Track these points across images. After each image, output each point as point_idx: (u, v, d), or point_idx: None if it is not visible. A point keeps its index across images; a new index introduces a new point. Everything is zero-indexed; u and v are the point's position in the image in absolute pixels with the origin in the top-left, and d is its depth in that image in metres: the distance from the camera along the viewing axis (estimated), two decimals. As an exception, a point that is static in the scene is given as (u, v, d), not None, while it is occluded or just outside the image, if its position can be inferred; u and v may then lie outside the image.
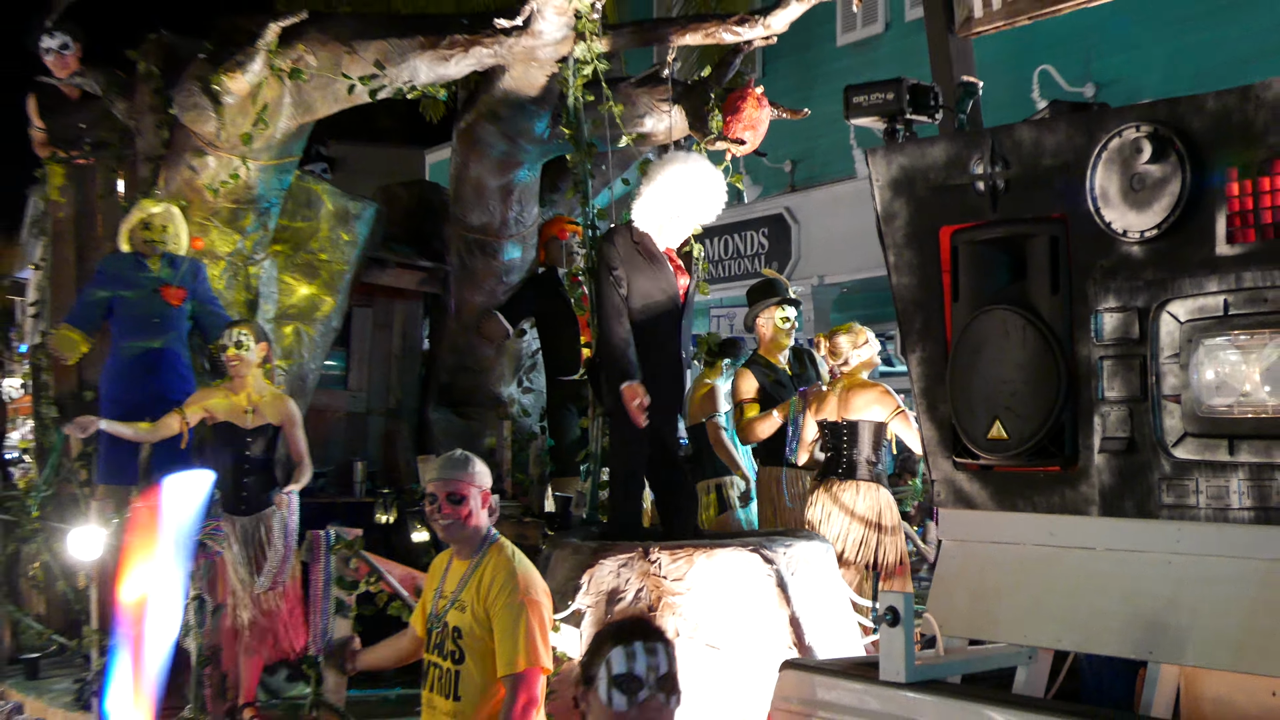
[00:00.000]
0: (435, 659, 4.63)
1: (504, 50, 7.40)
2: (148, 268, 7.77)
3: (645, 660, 2.73)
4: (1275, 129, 3.68)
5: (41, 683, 8.88)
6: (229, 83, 7.09)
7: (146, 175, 8.30)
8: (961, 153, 4.39)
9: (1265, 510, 3.68)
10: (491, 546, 4.63)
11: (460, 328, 9.05)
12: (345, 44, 7.50)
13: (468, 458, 4.75)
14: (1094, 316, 4.05)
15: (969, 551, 4.45)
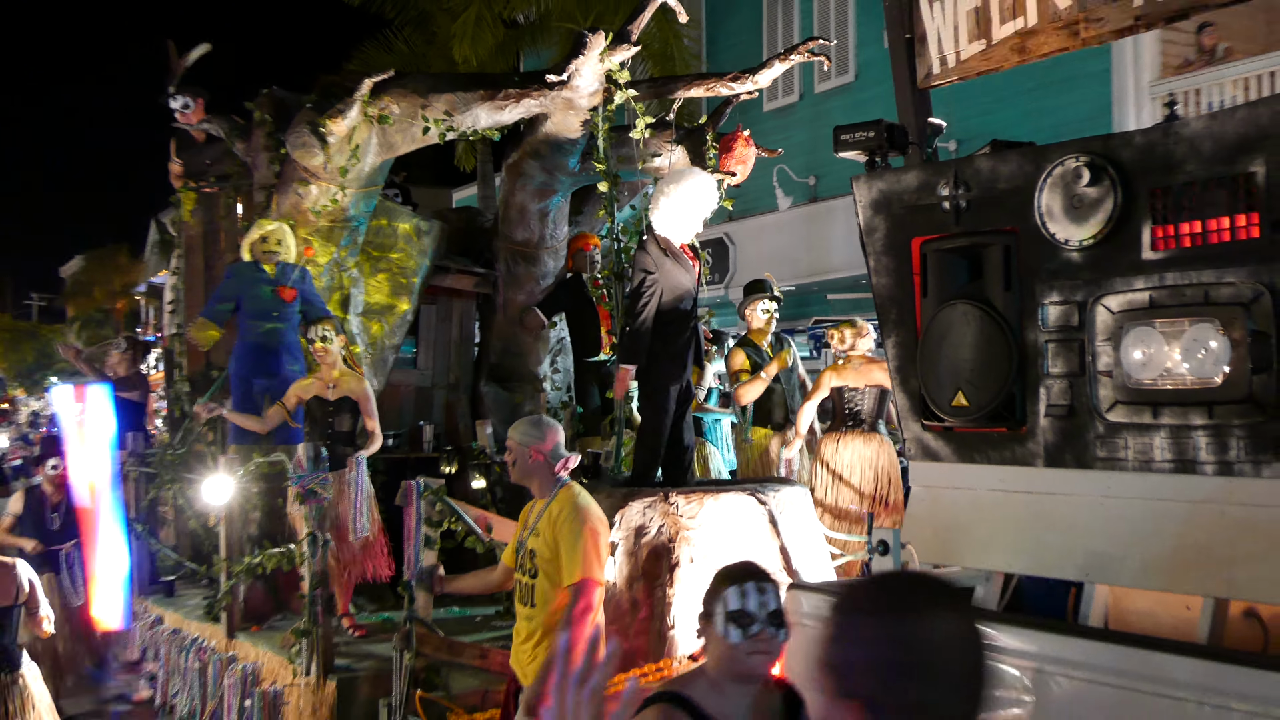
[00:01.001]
0: (520, 576, 4.60)
1: (547, 101, 7.34)
2: (266, 273, 7.70)
3: (757, 598, 2.56)
4: (1191, 159, 3.63)
5: (177, 600, 8.84)
6: (332, 125, 7.03)
7: (261, 201, 8.25)
8: (930, 179, 4.34)
9: (1182, 462, 3.64)
10: (563, 489, 4.56)
11: (506, 321, 8.98)
12: (422, 96, 7.43)
13: (539, 420, 4.69)
14: (1040, 309, 4.01)
15: (934, 495, 4.40)
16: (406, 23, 16.01)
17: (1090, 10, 4.38)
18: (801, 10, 17.39)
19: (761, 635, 2.54)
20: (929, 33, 4.92)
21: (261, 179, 8.26)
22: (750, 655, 2.54)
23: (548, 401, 9.21)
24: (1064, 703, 3.53)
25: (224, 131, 8.63)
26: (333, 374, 6.72)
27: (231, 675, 7.02)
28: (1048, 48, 4.58)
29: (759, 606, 2.55)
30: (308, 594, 6.00)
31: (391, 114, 7.39)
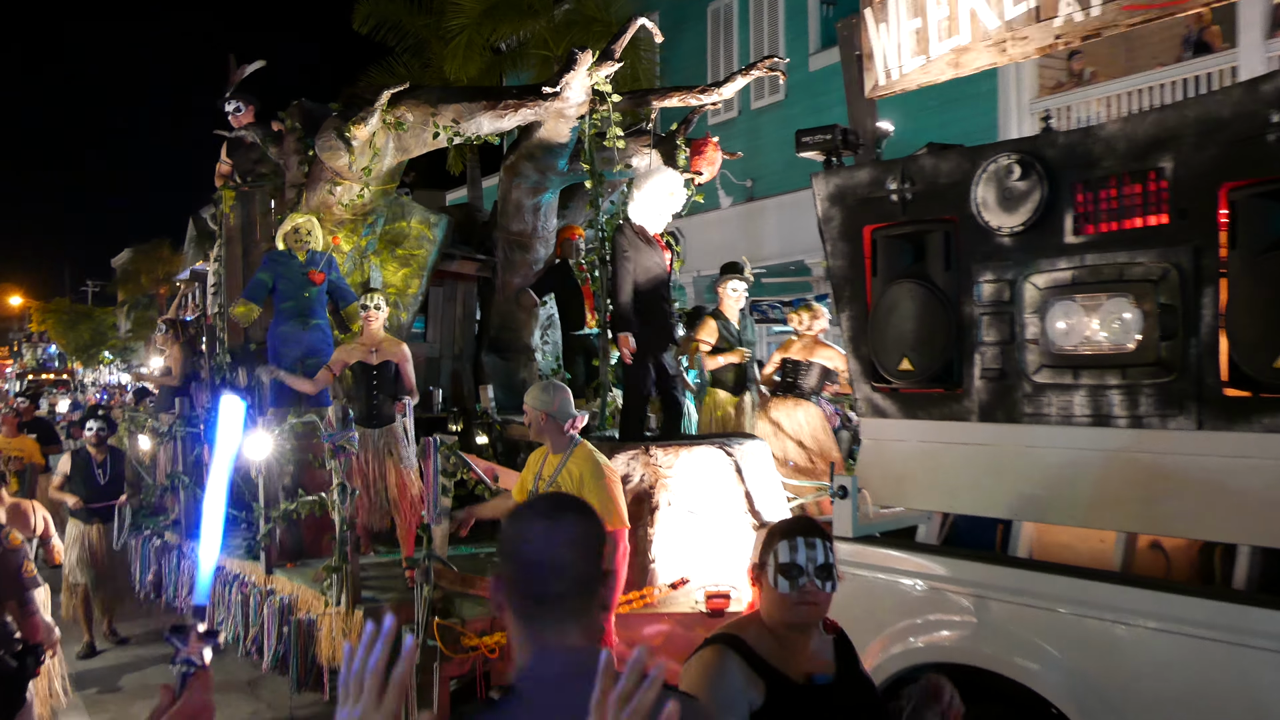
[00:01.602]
0: None
1: (541, 110, 7.25)
2: (297, 259, 7.60)
3: (806, 553, 2.37)
4: (1107, 156, 3.60)
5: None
6: (355, 131, 6.89)
7: (292, 197, 8.10)
8: (880, 175, 4.29)
9: (1099, 417, 3.61)
10: (577, 446, 4.49)
11: (504, 300, 8.89)
12: (432, 106, 7.30)
13: (552, 385, 4.61)
14: (976, 286, 3.97)
15: (881, 447, 4.36)
16: (406, 49, 15.93)
17: (1016, 31, 4.34)
18: (740, 39, 17.56)
19: (808, 587, 2.36)
20: (875, 50, 4.88)
21: (293, 178, 8.10)
22: (797, 606, 2.37)
23: (539, 369, 9.11)
24: (999, 623, 3.53)
25: (260, 137, 8.47)
26: (376, 339, 6.55)
27: (270, 606, 6.93)
28: (979, 63, 4.55)
29: (807, 560, 2.37)
30: (338, 535, 5.91)
31: (406, 121, 7.26)
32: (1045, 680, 3.18)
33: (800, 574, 2.36)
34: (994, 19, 4.39)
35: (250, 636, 7.26)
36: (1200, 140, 3.35)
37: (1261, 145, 3.19)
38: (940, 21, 4.59)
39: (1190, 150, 3.37)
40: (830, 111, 7.92)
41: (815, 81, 15.35)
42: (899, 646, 3.70)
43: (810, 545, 2.39)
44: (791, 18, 16.75)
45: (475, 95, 7.50)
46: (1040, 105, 12.84)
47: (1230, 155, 3.28)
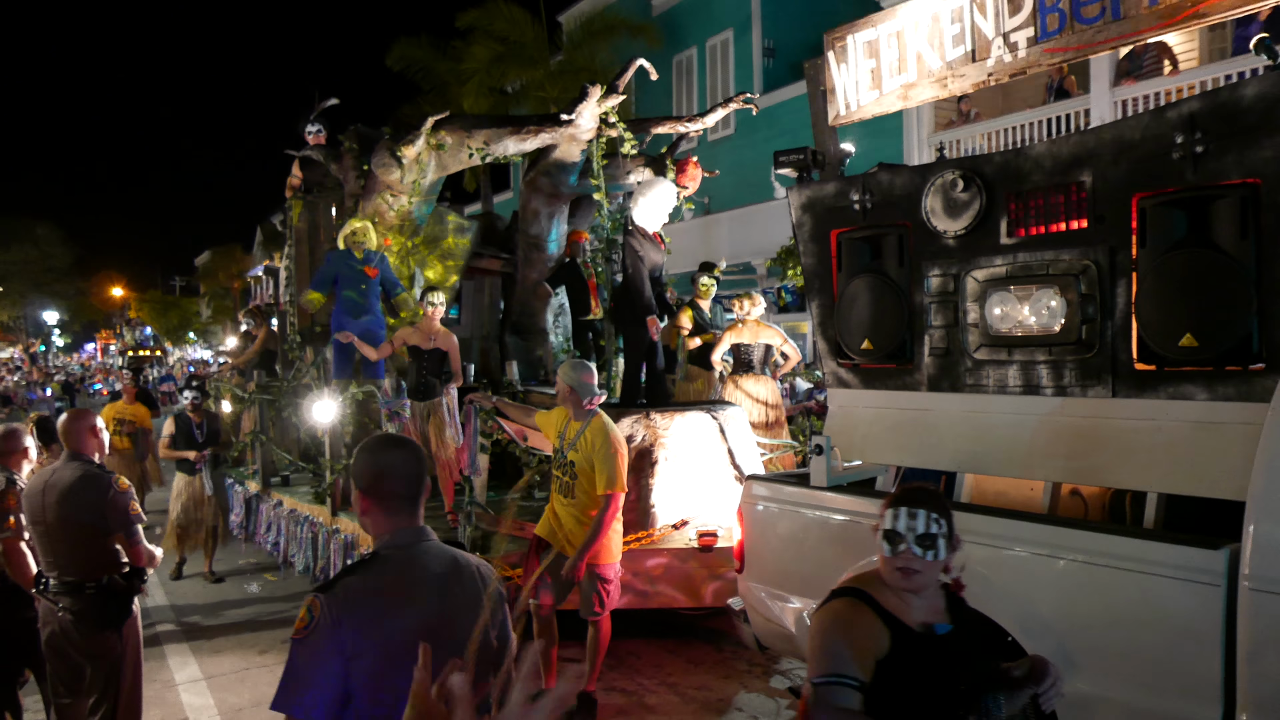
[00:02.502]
0: (560, 475, 4.41)
1: (557, 134, 7.09)
2: (355, 257, 7.40)
3: (907, 522, 2.10)
4: (1035, 172, 3.50)
5: (292, 488, 8.57)
6: (405, 151, 6.72)
7: (350, 205, 7.92)
8: (844, 188, 4.17)
9: (1029, 386, 3.53)
10: (594, 417, 4.37)
11: (522, 291, 8.73)
12: (467, 131, 7.13)
13: (578, 363, 4.48)
14: (925, 280, 3.86)
15: (845, 412, 4.26)
16: (431, 89, 15.74)
17: (955, 69, 4.22)
18: (699, 84, 17.62)
19: (907, 553, 2.09)
20: (837, 85, 4.74)
21: (350, 189, 7.91)
22: (895, 570, 2.11)
23: (553, 347, 8.98)
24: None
25: (323, 156, 8.27)
26: (434, 327, 6.37)
27: (336, 542, 6.81)
28: (924, 96, 4.42)
29: (907, 529, 2.10)
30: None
31: (445, 143, 7.08)
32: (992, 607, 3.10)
33: (900, 541, 2.11)
34: (937, 60, 4.27)
35: (319, 567, 7.14)
36: (1115, 158, 3.25)
37: (1167, 162, 3.10)
38: (891, 62, 4.47)
39: (1107, 166, 3.27)
40: (771, 144, 8.05)
41: (760, 119, 15.22)
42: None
43: (912, 515, 2.11)
44: (740, 66, 16.97)
45: (503, 122, 7.32)
46: (936, 138, 13.30)
47: (1140, 170, 3.18)
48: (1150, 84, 10.75)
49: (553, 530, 4.46)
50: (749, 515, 4.12)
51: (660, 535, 5.41)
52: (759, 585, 4.06)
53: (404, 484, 2.03)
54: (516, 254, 8.68)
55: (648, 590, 5.20)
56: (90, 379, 36.48)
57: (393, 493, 2.02)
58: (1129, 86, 10.90)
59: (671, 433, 5.72)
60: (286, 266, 8.66)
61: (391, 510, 2.02)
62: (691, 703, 4.85)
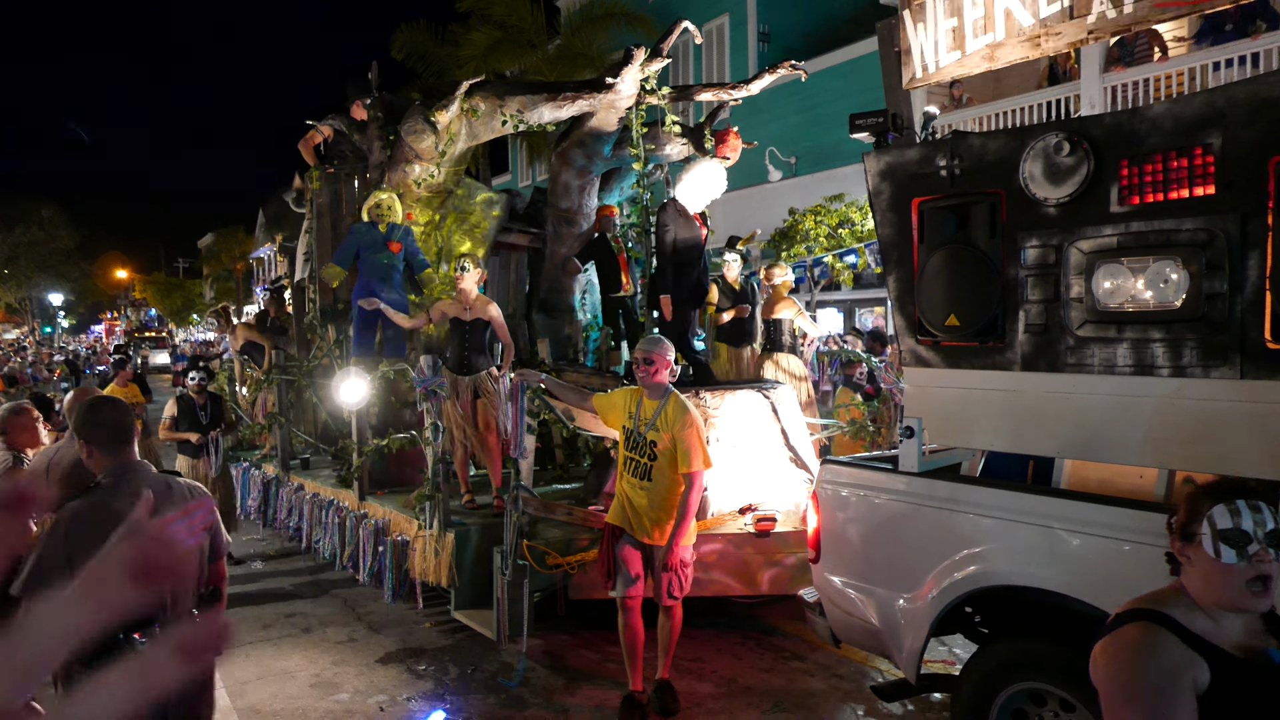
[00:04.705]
0: (635, 456, 4.18)
1: (595, 101, 6.79)
2: (379, 230, 7.15)
3: (1251, 516, 1.67)
4: (1153, 134, 3.22)
5: (312, 471, 8.37)
6: (439, 116, 6.43)
7: (374, 177, 7.64)
8: (929, 153, 3.89)
9: (1141, 366, 3.27)
10: (671, 394, 4.14)
11: (552, 267, 8.44)
12: (500, 98, 6.84)
13: (658, 339, 4.24)
14: (1021, 251, 3.59)
15: (924, 393, 4.00)
16: (432, 75, 15.50)
17: (1050, 27, 3.94)
18: (695, 68, 17.78)
19: (1260, 555, 1.66)
20: (913, 47, 4.46)
21: (375, 161, 7.63)
22: (1246, 581, 1.66)
23: (582, 325, 8.72)
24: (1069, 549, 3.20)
25: (346, 127, 7.97)
26: (469, 298, 6.07)
27: (365, 528, 6.57)
28: (1012, 56, 4.13)
29: (1254, 525, 1.68)
30: (430, 468, 5.54)
31: (479, 109, 6.79)
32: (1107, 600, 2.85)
33: (1248, 540, 1.67)
34: (1028, 17, 3.98)
35: (346, 554, 6.92)
36: (1250, 118, 2.98)
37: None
38: (976, 20, 4.18)
39: (1239, 127, 3.00)
40: (764, 129, 7.90)
41: (755, 101, 15.21)
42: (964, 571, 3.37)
43: (1255, 508, 1.70)
44: (735, 52, 16.85)
45: (538, 88, 7.01)
46: (936, 120, 13.22)
47: (1278, 131, 2.91)
48: (1141, 70, 10.86)
49: (627, 517, 4.24)
50: (827, 501, 3.87)
51: (723, 520, 5.18)
52: (838, 576, 3.83)
53: (113, 431, 2.68)
54: (546, 228, 8.39)
55: (702, 577, 4.97)
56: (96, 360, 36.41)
57: (105, 438, 2.67)
58: (1119, 73, 11.04)
59: (723, 412, 5.49)
60: (308, 242, 8.37)
61: (106, 451, 2.67)
62: (751, 696, 4.62)
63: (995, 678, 3.29)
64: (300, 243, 8.78)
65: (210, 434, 7.84)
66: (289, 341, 9.58)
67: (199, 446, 7.84)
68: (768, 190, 15.84)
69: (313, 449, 8.76)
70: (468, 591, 5.51)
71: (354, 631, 5.86)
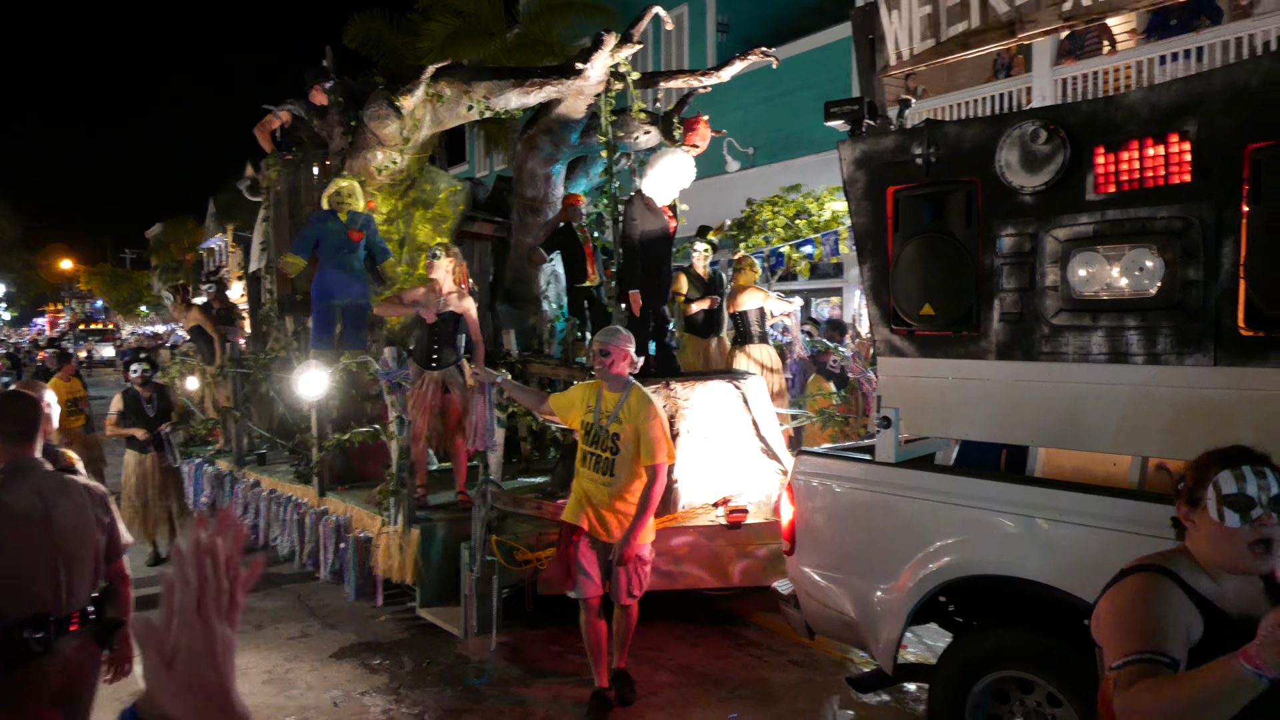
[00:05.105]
0: (596, 450, 4.09)
1: (563, 88, 6.69)
2: (340, 219, 6.98)
3: (1255, 481, 1.73)
4: (1129, 122, 3.23)
5: (268, 467, 8.16)
6: (404, 101, 6.29)
7: (335, 164, 7.46)
8: (904, 141, 3.88)
9: (1117, 354, 3.29)
10: (633, 386, 4.07)
11: (517, 257, 8.33)
12: (466, 83, 6.71)
13: (617, 329, 4.17)
14: (997, 240, 3.60)
15: (899, 383, 3.99)
16: (388, 64, 15.25)
17: (1025, 15, 3.94)
18: (654, 57, 17.54)
19: (1265, 520, 1.72)
20: (887, 33, 4.44)
21: (335, 147, 7.45)
22: (1251, 544, 1.73)
23: (547, 316, 8.63)
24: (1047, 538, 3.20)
25: (305, 112, 7.77)
26: (443, 291, 5.92)
27: (325, 525, 6.44)
28: (988, 44, 4.13)
29: (1259, 490, 1.73)
30: (395, 463, 5.42)
31: (444, 94, 6.65)
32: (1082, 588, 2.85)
33: (1252, 505, 1.73)
34: (1004, 4, 3.97)
35: (306, 551, 6.77)
36: (1226, 105, 2.99)
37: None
38: (951, 7, 4.16)
39: (1215, 114, 3.02)
40: (720, 120, 7.92)
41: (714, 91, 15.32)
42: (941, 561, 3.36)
43: (1260, 474, 1.74)
44: (694, 42, 16.95)
45: (505, 74, 6.90)
46: (888, 115, 13.57)
47: (1255, 118, 2.93)
48: (1090, 63, 11.09)
49: (586, 514, 4.16)
50: (802, 492, 3.85)
51: (694, 512, 5.13)
52: (813, 568, 3.81)
53: (18, 424, 2.75)
54: (511, 217, 8.27)
55: (673, 570, 4.94)
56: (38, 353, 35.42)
57: (10, 431, 2.73)
58: (1070, 65, 11.27)
59: (693, 403, 5.44)
60: (264, 231, 8.16)
61: (8, 444, 2.74)
62: (708, 684, 4.61)
63: (972, 667, 3.30)
64: (256, 232, 8.56)
65: (158, 428, 7.62)
66: (237, 331, 9.37)
67: (146, 442, 7.63)
68: (725, 180, 15.84)
69: (269, 444, 8.56)
70: (433, 589, 5.41)
71: (308, 627, 5.81)
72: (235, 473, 8.38)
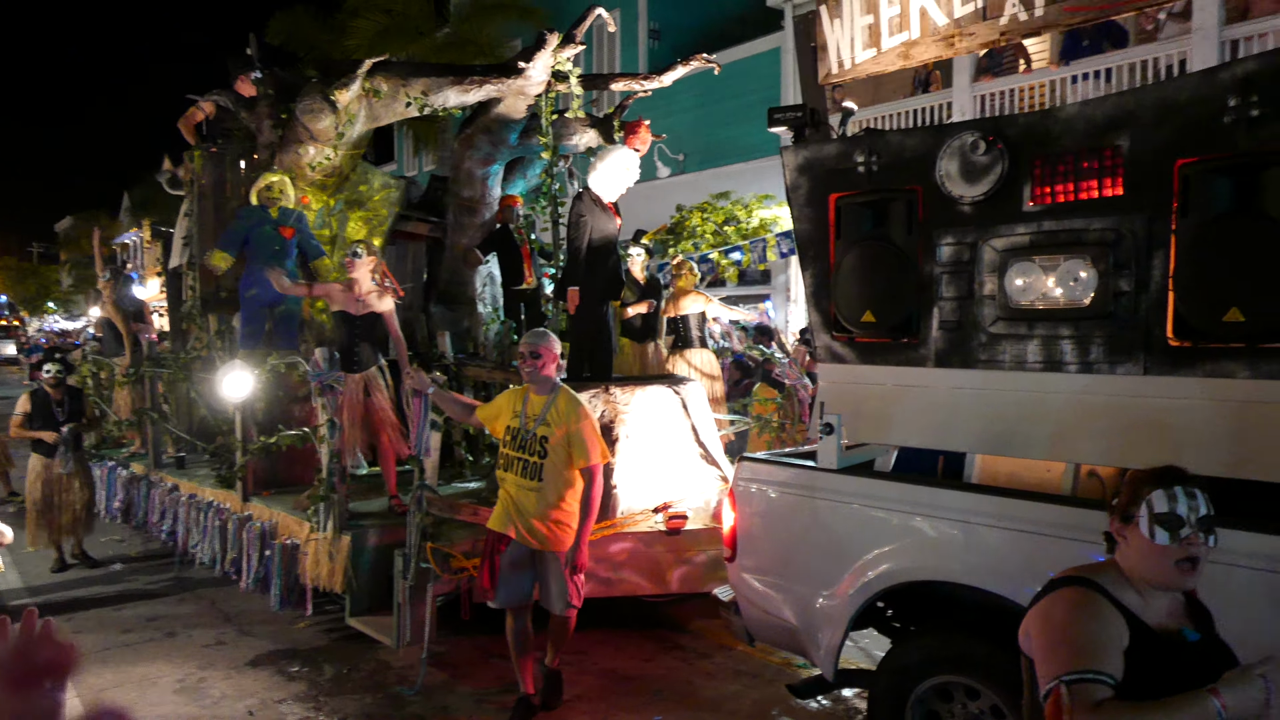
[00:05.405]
0: (523, 455, 4.02)
1: (504, 87, 6.60)
2: (270, 215, 6.77)
3: (1187, 502, 1.81)
4: (1065, 135, 3.32)
5: (187, 470, 7.87)
6: (339, 95, 6.12)
7: (265, 158, 7.22)
8: (847, 149, 3.92)
9: (1052, 362, 3.37)
10: (560, 389, 4.01)
11: (452, 258, 8.19)
12: (403, 79, 6.57)
13: (545, 332, 4.11)
14: (937, 248, 3.65)
15: (839, 389, 4.02)
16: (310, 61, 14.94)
17: (964, 28, 4.02)
18: (585, 63, 17.82)
19: (1192, 539, 1.80)
20: (829, 42, 4.49)
21: (265, 140, 7.20)
22: (1177, 562, 1.81)
23: (483, 319, 8.50)
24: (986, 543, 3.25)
25: (232, 103, 7.51)
26: (363, 289, 5.78)
27: (250, 531, 6.21)
28: (927, 55, 4.21)
29: (1189, 510, 1.81)
30: (325, 468, 5.26)
31: (381, 90, 6.50)
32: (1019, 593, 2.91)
33: (1181, 525, 1.80)
34: (943, 17, 4.06)
35: (228, 559, 6.53)
36: (1157, 121, 3.09)
37: (1216, 126, 2.95)
38: (891, 18, 4.24)
39: (1147, 129, 3.12)
40: (658, 123, 7.95)
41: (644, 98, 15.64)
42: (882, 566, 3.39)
43: (1191, 495, 1.83)
44: (625, 48, 16.99)
45: (443, 71, 6.77)
46: (815, 126, 14.02)
47: (1185, 134, 3.03)
48: (1007, 80, 11.59)
49: (512, 520, 4.07)
50: (744, 498, 3.85)
51: (634, 519, 5.10)
52: (754, 574, 3.81)
53: None
54: (447, 217, 8.13)
55: (611, 577, 4.90)
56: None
57: None
58: (987, 82, 11.77)
59: (632, 408, 5.42)
60: (187, 226, 7.86)
61: None
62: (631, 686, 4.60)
63: (912, 672, 3.33)
64: (178, 227, 8.24)
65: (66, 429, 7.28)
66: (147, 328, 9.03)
67: (53, 446, 7.27)
68: (656, 186, 15.90)
69: (188, 447, 8.25)
70: (364, 597, 5.27)
71: (223, 634, 5.66)
72: (151, 476, 8.07)
